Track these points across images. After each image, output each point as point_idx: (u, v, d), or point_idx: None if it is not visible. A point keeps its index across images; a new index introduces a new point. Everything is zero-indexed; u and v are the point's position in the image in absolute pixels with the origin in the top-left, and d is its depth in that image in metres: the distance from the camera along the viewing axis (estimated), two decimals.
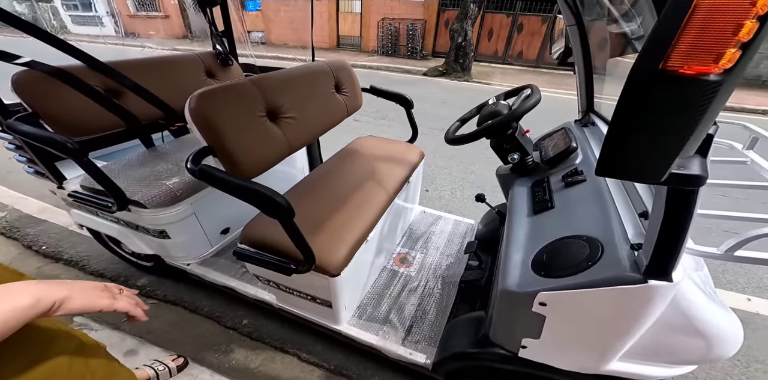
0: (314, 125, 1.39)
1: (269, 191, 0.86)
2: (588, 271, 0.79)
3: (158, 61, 1.79)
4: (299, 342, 1.65)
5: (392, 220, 1.66)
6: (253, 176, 1.04)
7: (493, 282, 1.38)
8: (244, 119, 1.03)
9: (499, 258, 1.47)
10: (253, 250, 1.18)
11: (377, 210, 1.37)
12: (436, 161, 3.71)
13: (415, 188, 2.00)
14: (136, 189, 1.44)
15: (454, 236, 1.99)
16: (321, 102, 1.46)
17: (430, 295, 1.58)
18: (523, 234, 1.07)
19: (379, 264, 1.67)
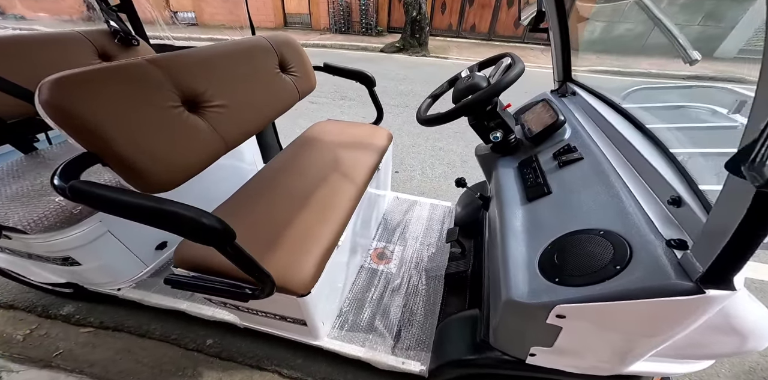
0: (256, 112, 1.12)
1: (191, 212, 0.61)
2: (618, 278, 0.61)
3: (22, 41, 1.35)
4: (277, 357, 1.44)
5: (365, 213, 1.44)
6: (172, 187, 0.78)
7: (484, 273, 1.21)
8: (145, 112, 0.75)
9: (485, 247, 1.31)
10: (193, 275, 0.93)
11: (347, 207, 1.15)
12: (403, 139, 3.49)
13: (385, 174, 1.77)
14: (11, 211, 1.09)
15: (432, 222, 1.80)
16: (263, 84, 1.17)
17: (415, 293, 1.40)
18: (519, 227, 0.88)
19: (356, 264, 1.46)
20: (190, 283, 0.90)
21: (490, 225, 1.21)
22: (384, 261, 1.54)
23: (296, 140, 1.55)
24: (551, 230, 0.80)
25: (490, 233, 1.20)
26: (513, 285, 0.75)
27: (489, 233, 1.23)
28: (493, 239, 1.07)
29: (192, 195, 1.46)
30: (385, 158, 1.64)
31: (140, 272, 1.47)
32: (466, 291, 1.38)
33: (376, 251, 1.60)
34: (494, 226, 1.08)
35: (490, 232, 1.21)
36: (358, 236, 1.40)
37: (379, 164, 1.50)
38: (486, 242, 1.31)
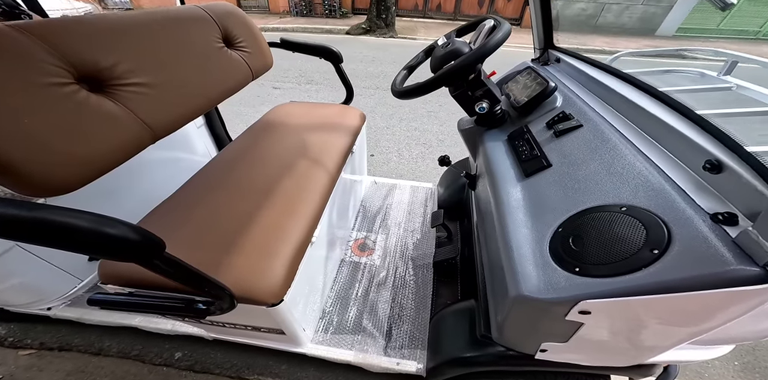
0: (195, 93, 0.91)
1: (89, 221, 0.42)
2: (658, 265, 0.48)
3: None
4: (259, 365, 1.29)
5: (341, 202, 1.28)
6: (75, 187, 0.58)
7: (476, 260, 1.09)
8: (14, 92, 0.54)
9: (475, 230, 1.18)
10: (129, 292, 0.74)
11: (319, 197, 0.98)
12: (376, 121, 3.30)
13: (360, 158, 1.60)
14: None
15: (414, 206, 1.66)
16: (201, 60, 0.96)
17: (403, 285, 1.27)
18: (519, 208, 0.75)
19: (336, 259, 1.30)
20: (123, 302, 0.71)
21: (480, 205, 1.08)
22: (366, 253, 1.40)
23: (255, 125, 1.34)
24: (559, 209, 0.66)
25: (480, 215, 1.06)
26: (522, 278, 0.61)
27: (479, 214, 1.10)
28: (486, 222, 0.94)
29: (127, 199, 1.24)
30: (359, 139, 1.46)
31: (72, 288, 1.26)
32: (457, 279, 1.26)
33: (357, 242, 1.45)
34: (486, 206, 0.95)
35: (480, 213, 1.07)
36: (336, 228, 1.24)
37: (353, 146, 1.33)
38: (475, 224, 1.18)
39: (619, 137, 0.73)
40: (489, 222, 0.88)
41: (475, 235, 1.16)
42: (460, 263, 1.31)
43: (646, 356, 0.68)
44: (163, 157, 1.36)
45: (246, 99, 3.69)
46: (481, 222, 1.06)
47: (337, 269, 1.31)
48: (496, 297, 0.76)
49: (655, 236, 0.51)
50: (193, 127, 1.51)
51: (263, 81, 4.24)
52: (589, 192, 0.65)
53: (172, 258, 0.54)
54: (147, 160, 1.26)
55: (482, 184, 1.05)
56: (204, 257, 0.75)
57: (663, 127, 0.68)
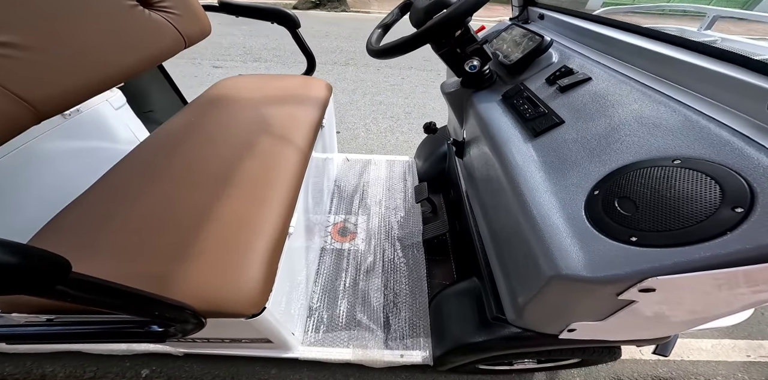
0: (99, 60, 0.68)
1: None
2: (748, 227, 0.38)
3: None
4: (245, 373, 1.14)
5: (315, 183, 1.11)
6: None
7: (472, 233, 0.98)
8: None
9: (466, 201, 1.06)
10: (47, 318, 0.55)
11: (292, 179, 0.81)
12: (338, 97, 3.07)
13: (330, 133, 1.42)
14: None
15: (393, 181, 1.52)
16: (104, 20, 0.71)
17: (393, 269, 1.15)
18: (534, 171, 0.62)
19: (316, 248, 1.15)
20: (38, 334, 0.52)
21: (473, 173, 0.96)
22: (348, 237, 1.25)
23: (193, 103, 1.11)
24: (587, 169, 0.55)
25: (473, 183, 0.95)
26: (558, 253, 0.49)
27: (470, 183, 0.98)
28: (487, 191, 0.82)
29: (16, 206, 0.95)
30: (328, 113, 1.28)
31: None
32: (450, 256, 1.16)
33: (336, 226, 1.29)
34: (485, 173, 0.82)
35: (473, 182, 0.95)
36: (312, 213, 1.07)
37: (322, 120, 1.14)
38: (465, 193, 1.07)
39: (641, 86, 0.61)
40: (492, 191, 0.76)
41: (466, 206, 1.04)
42: (451, 239, 1.21)
43: (685, 328, 0.61)
44: (70, 147, 1.07)
45: (181, 79, 3.27)
46: (475, 192, 0.94)
47: (318, 259, 1.16)
48: (517, 276, 0.65)
49: (733, 192, 0.40)
50: (109, 107, 1.22)
51: (201, 60, 3.80)
52: (621, 147, 0.54)
53: (86, 280, 0.36)
54: (44, 152, 0.98)
55: (476, 150, 0.92)
56: (147, 270, 0.57)
57: (699, 73, 0.56)
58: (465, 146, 1.06)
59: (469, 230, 1.00)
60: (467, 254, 1.05)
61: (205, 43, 4.30)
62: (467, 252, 1.05)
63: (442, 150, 1.43)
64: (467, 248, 1.04)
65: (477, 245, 0.94)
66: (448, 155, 1.40)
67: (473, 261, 0.97)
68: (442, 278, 1.10)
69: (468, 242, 1.03)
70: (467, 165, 1.03)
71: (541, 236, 0.52)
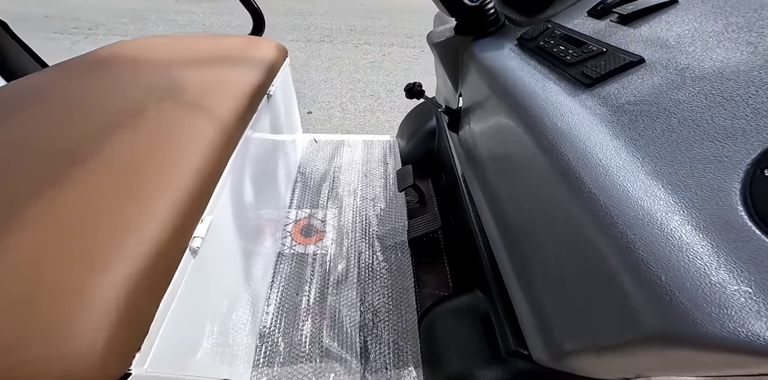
0: None
1: None
2: None
3: None
4: None
5: (261, 171, 0.83)
6: None
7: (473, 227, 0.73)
8: None
9: (462, 188, 0.81)
10: None
11: (207, 163, 0.53)
12: (311, 75, 2.75)
13: (288, 108, 1.13)
14: None
15: (371, 165, 1.25)
16: None
17: (371, 277, 0.89)
18: (602, 139, 0.36)
19: (268, 254, 0.88)
20: None
21: (471, 152, 0.70)
22: (314, 238, 0.98)
23: (64, 64, 0.79)
24: (729, 130, 0.29)
25: (475, 164, 0.69)
26: (682, 287, 0.24)
27: (472, 163, 0.73)
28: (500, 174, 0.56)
29: None
30: (282, 82, 0.99)
31: None
32: (444, 259, 0.91)
33: (299, 224, 1.02)
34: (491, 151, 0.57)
35: (474, 162, 0.70)
36: (258, 209, 0.80)
37: (269, 87, 0.86)
38: (463, 178, 0.81)
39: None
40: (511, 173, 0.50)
41: (464, 194, 0.79)
42: (445, 237, 0.96)
43: None
44: None
45: None
46: (477, 175, 0.69)
47: (273, 268, 0.90)
48: (561, 306, 0.40)
49: None
50: None
51: None
52: None
53: None
54: None
55: (478, 119, 0.65)
56: None
57: None
58: (461, 116, 0.79)
59: (469, 226, 0.75)
60: (467, 258, 0.80)
61: (159, 20, 3.88)
62: (467, 255, 0.80)
63: (430, 125, 1.16)
64: (466, 249, 0.80)
65: (480, 248, 0.68)
66: (437, 131, 1.13)
67: (476, 268, 0.72)
68: (435, 287, 0.86)
69: (468, 242, 0.78)
70: (465, 141, 0.77)
71: (637, 255, 0.27)
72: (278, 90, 0.97)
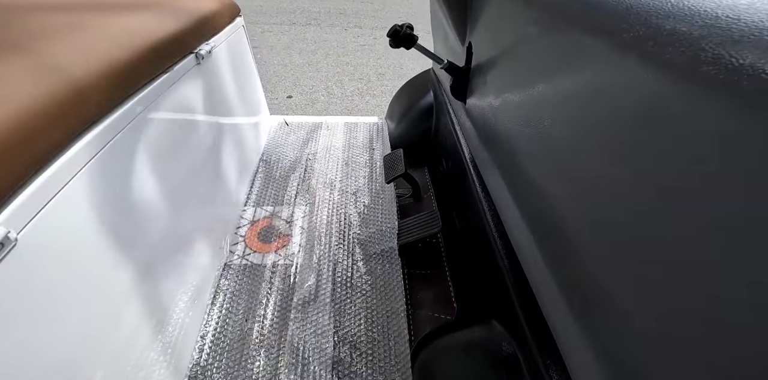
0: None
1: None
2: None
3: None
4: None
5: (189, 157, 0.61)
6: None
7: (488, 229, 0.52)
8: None
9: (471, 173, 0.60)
10: None
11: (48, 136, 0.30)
12: (293, 58, 2.51)
13: (244, 80, 0.90)
14: None
15: (353, 152, 1.03)
16: None
17: (349, 297, 0.67)
18: None
19: (209, 268, 0.66)
20: None
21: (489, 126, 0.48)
22: (275, 244, 0.76)
23: None
24: None
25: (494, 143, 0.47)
26: None
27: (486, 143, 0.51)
28: (560, 155, 0.34)
29: None
30: (230, 45, 0.77)
31: None
32: (446, 271, 0.69)
33: (256, 226, 0.80)
34: (532, 121, 0.35)
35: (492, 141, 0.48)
36: (183, 207, 0.58)
37: (200, 45, 0.63)
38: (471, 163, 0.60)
39: None
40: (580, 150, 0.29)
41: (474, 186, 0.57)
42: (447, 243, 0.74)
43: None
44: None
45: None
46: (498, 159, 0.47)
47: (213, 286, 0.67)
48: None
49: None
50: None
51: None
52: None
53: None
54: None
55: (502, 74, 0.44)
56: None
57: None
58: (471, 77, 0.57)
59: (482, 230, 0.53)
60: (478, 271, 0.59)
61: None
62: (478, 267, 0.59)
63: (426, 101, 0.94)
64: (478, 259, 0.58)
65: (501, 259, 0.47)
66: (436, 107, 0.91)
67: (494, 288, 0.51)
68: (433, 309, 0.64)
69: (481, 251, 0.56)
70: (476, 112, 0.55)
71: None
72: (221, 54, 0.74)
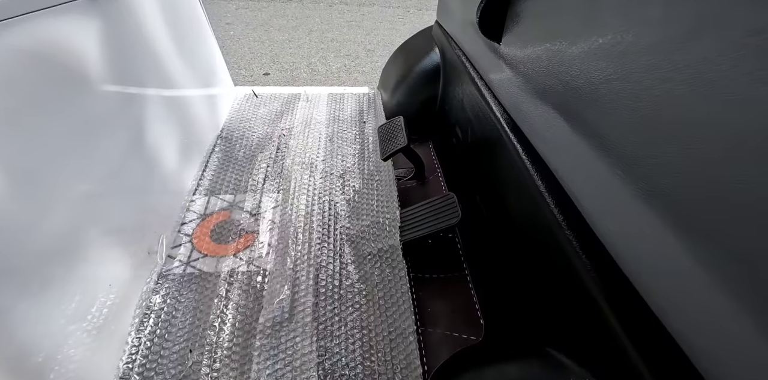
0: None
1: None
2: None
3: None
4: None
5: (99, 134, 0.41)
6: None
7: (545, 216, 0.33)
8: None
9: (513, 142, 0.41)
10: None
11: None
12: (272, 35, 2.30)
13: (199, 42, 0.71)
14: None
15: (339, 126, 0.84)
16: None
17: (338, 314, 0.49)
18: None
19: (123, 280, 0.47)
20: None
21: (551, 71, 0.30)
22: (234, 245, 0.57)
23: None
24: None
25: (589, 92, 0.29)
26: None
27: (535, 98, 0.33)
28: None
29: None
30: None
31: None
32: (467, 280, 0.52)
33: (208, 222, 0.61)
34: None
35: (574, 87, 0.30)
36: (85, 200, 0.39)
37: None
38: (511, 125, 0.42)
39: None
40: None
41: (518, 160, 0.40)
42: (466, 235, 0.57)
43: None
44: None
45: None
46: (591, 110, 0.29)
47: (139, 305, 0.49)
48: None
49: None
50: None
51: None
52: None
53: None
54: None
55: None
56: None
57: None
58: None
59: (537, 216, 0.36)
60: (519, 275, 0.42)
61: None
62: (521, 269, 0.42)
63: (429, 62, 0.76)
64: (524, 259, 0.41)
65: (576, 258, 0.29)
66: (444, 67, 0.73)
67: (555, 299, 0.33)
68: (451, 326, 0.47)
69: (531, 246, 0.39)
70: (521, 54, 0.37)
71: None
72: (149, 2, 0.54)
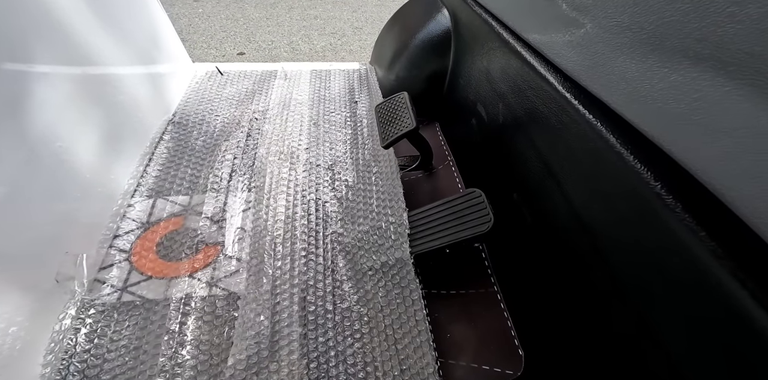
0: None
1: None
2: None
3: None
4: None
5: None
6: None
7: None
8: None
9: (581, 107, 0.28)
10: None
11: None
12: (247, 12, 2.12)
13: (136, 8, 0.56)
14: None
15: (326, 107, 0.70)
16: None
17: (334, 347, 0.37)
18: None
19: (20, 314, 0.34)
20: None
21: None
22: (190, 262, 0.45)
23: None
24: None
25: None
26: None
27: None
28: None
29: None
30: None
31: None
32: (498, 298, 0.41)
33: (153, 232, 0.48)
34: None
35: None
36: None
37: None
38: (565, 93, 0.30)
39: None
40: None
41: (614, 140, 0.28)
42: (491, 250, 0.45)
43: None
44: None
45: None
46: None
47: (50, 349, 0.36)
48: None
49: None
50: None
51: None
52: None
53: None
54: None
55: None
56: None
57: None
58: None
59: (614, 229, 0.24)
60: (567, 294, 0.31)
61: None
62: (568, 288, 0.31)
63: (435, 28, 0.63)
64: (567, 275, 0.30)
65: None
66: (455, 32, 0.60)
67: (609, 329, 0.22)
68: (479, 358, 0.36)
69: (575, 261, 0.28)
70: None
71: None
72: None
